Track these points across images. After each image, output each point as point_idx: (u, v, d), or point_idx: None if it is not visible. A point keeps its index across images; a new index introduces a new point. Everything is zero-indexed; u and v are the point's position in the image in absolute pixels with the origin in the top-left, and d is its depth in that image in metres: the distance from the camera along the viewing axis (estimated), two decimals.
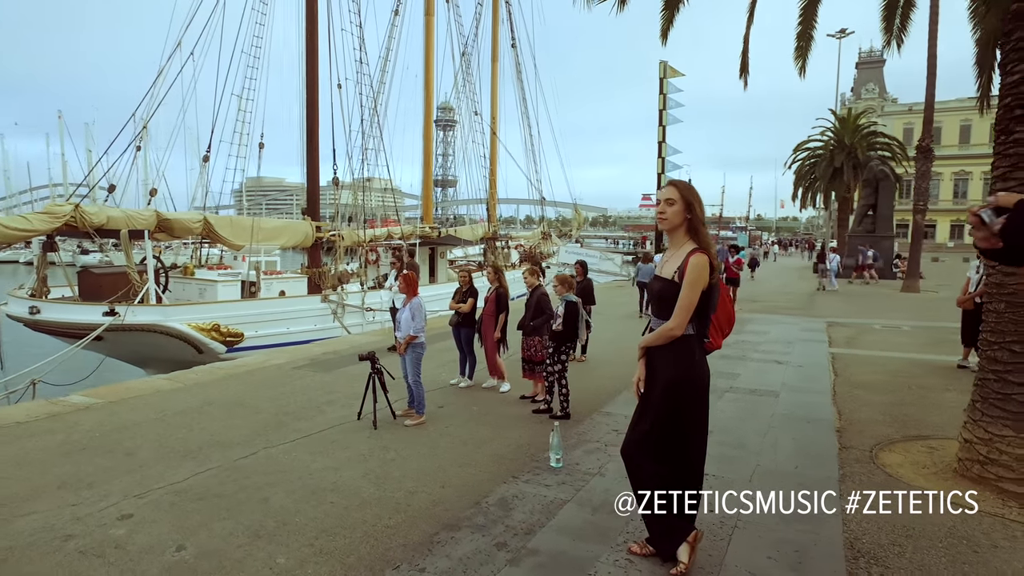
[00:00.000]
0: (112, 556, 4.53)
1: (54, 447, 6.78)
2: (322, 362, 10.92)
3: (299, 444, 6.80)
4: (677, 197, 3.53)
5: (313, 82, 18.41)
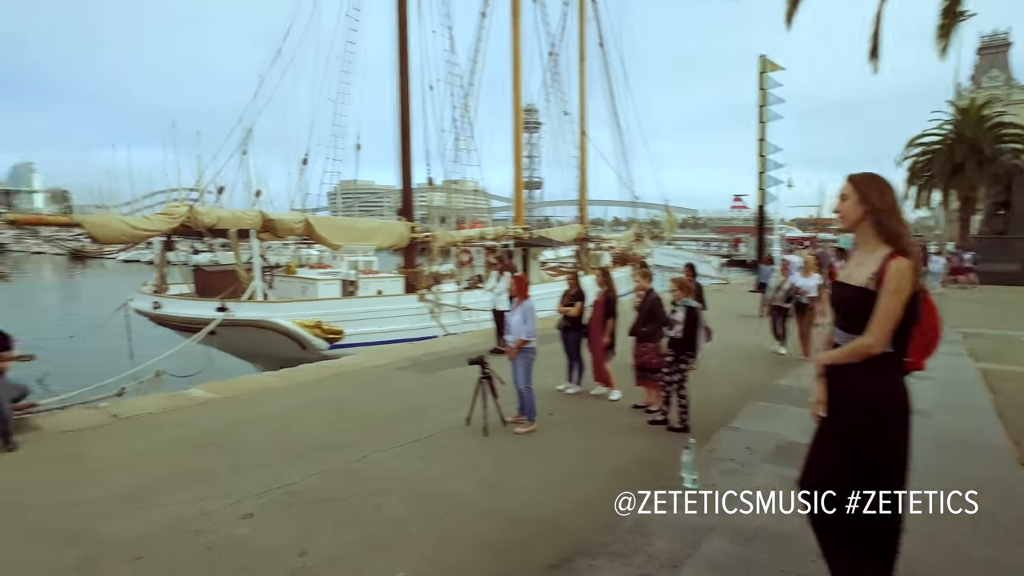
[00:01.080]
0: (238, 556, 4.52)
1: (179, 440, 6.98)
2: (423, 363, 10.90)
3: (408, 449, 6.69)
4: (850, 190, 3.08)
5: (405, 85, 18.60)
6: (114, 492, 5.60)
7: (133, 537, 4.78)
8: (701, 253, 44.28)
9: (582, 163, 28.48)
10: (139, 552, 4.57)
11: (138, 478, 5.92)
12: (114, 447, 6.78)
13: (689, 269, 10.26)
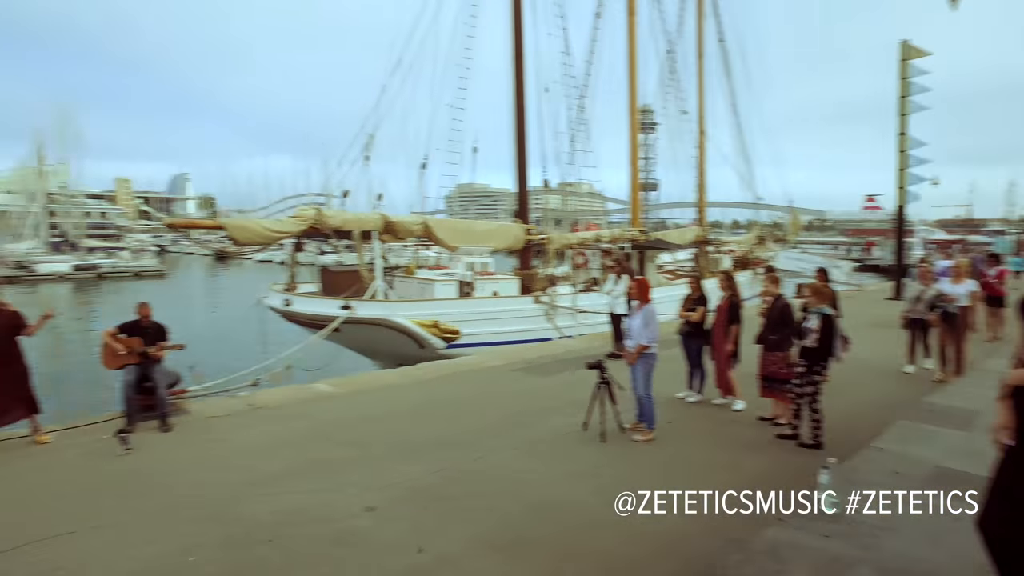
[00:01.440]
0: (361, 548, 4.64)
1: (307, 431, 7.34)
2: (539, 366, 10.87)
3: (525, 451, 6.65)
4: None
5: (521, 88, 18.70)
6: (251, 477, 5.95)
7: (267, 520, 5.04)
8: (830, 257, 41.54)
9: (700, 163, 27.51)
10: (272, 535, 4.81)
11: (272, 465, 6.26)
12: (251, 434, 7.23)
13: (822, 274, 9.54)
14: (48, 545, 4.70)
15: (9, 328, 6.77)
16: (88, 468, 6.21)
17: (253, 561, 4.44)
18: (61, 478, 5.99)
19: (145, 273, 53.82)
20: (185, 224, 14.40)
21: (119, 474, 6.04)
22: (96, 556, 4.53)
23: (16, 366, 6.83)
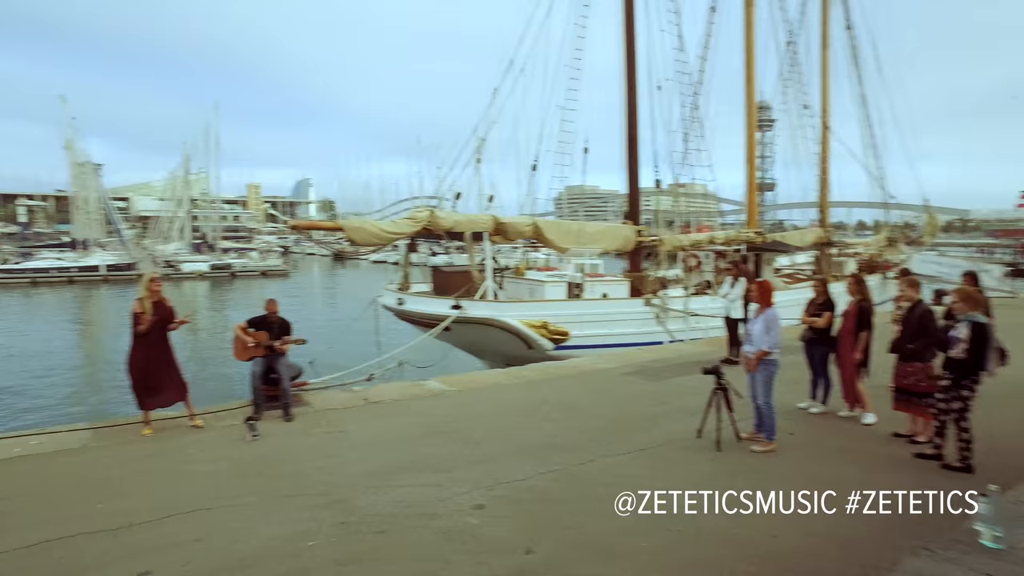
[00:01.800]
0: (470, 545, 4.65)
1: (418, 426, 7.50)
2: (651, 370, 10.58)
3: (636, 457, 6.46)
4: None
5: (632, 86, 18.34)
6: (367, 468, 6.15)
7: (380, 512, 5.18)
8: (975, 260, 37.88)
9: (823, 160, 25.91)
10: (384, 526, 4.92)
11: (385, 458, 6.44)
12: (366, 427, 7.49)
13: (970, 277, 8.65)
14: (190, 517, 5.07)
15: (166, 320, 7.39)
16: (223, 451, 6.65)
17: (366, 550, 4.56)
18: (200, 458, 6.44)
19: (271, 272, 57.69)
20: (307, 226, 15.25)
21: (249, 458, 6.43)
22: (229, 532, 4.83)
23: (170, 354, 7.47)
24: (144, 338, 7.23)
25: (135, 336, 7.25)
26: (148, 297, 7.27)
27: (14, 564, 4.42)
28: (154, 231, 73.90)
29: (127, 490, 5.63)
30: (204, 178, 67.96)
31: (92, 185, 62.46)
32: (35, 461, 6.36)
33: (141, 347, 7.26)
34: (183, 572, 4.27)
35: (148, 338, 7.24)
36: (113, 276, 50.30)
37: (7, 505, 5.35)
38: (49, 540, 4.73)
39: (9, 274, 48.47)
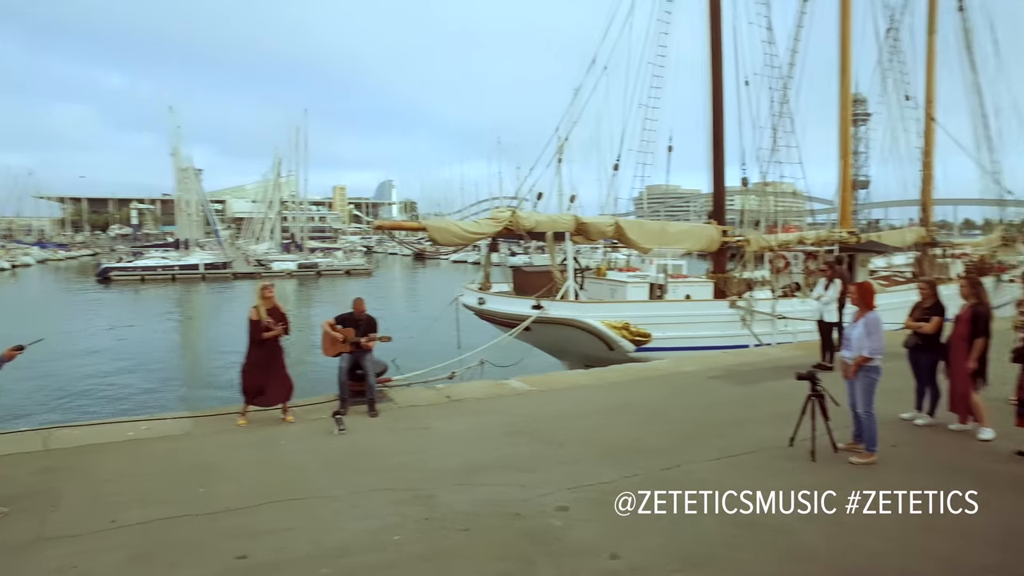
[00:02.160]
0: (553, 547, 4.60)
1: (500, 425, 7.52)
2: (737, 374, 10.22)
3: (723, 464, 6.23)
4: None
5: (718, 82, 17.75)
6: (450, 465, 6.20)
7: (464, 509, 5.20)
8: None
9: (927, 155, 24.28)
10: (468, 524, 4.94)
11: (468, 455, 6.48)
12: (449, 424, 7.57)
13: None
14: (281, 506, 5.26)
15: (278, 322, 7.70)
16: (311, 444, 6.88)
17: (449, 547, 4.59)
18: (290, 449, 6.68)
19: (355, 271, 59.57)
20: (392, 226, 15.64)
21: (336, 452, 6.62)
22: (319, 522, 4.97)
23: (281, 356, 7.82)
24: (258, 343, 7.60)
25: (252, 341, 7.62)
26: (263, 304, 7.63)
27: (136, 538, 4.71)
28: (247, 232, 77.90)
29: (224, 476, 5.90)
30: (293, 181, 70.95)
31: (193, 189, 66.40)
32: (145, 445, 6.77)
33: (255, 351, 7.64)
34: (276, 559, 4.42)
35: (261, 343, 7.59)
36: (210, 274, 53.33)
37: (127, 483, 5.72)
38: (161, 519, 5.02)
39: (123, 271, 52.23)
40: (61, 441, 6.84)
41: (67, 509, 5.21)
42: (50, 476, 5.90)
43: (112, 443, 6.80)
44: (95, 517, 5.05)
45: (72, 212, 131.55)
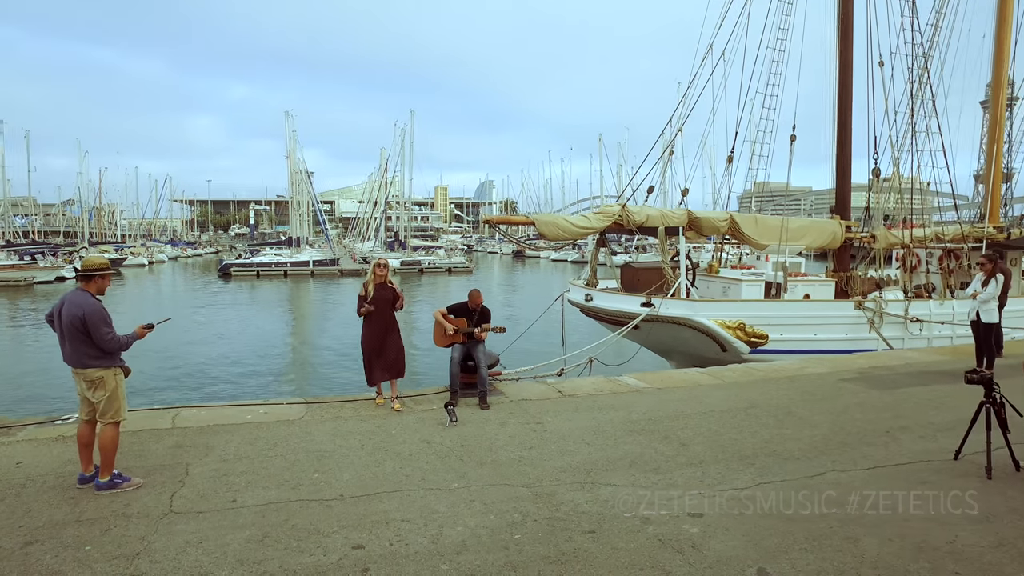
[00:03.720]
0: (690, 556, 4.15)
1: (618, 423, 7.09)
2: (874, 378, 9.26)
3: (875, 475, 5.53)
4: None
5: (846, 64, 16.41)
6: (570, 462, 5.85)
7: (587, 510, 4.83)
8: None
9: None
10: (593, 527, 4.56)
11: (587, 453, 6.10)
12: (564, 420, 7.21)
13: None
14: (396, 497, 5.08)
15: (392, 302, 7.73)
16: (423, 434, 6.71)
17: (575, 551, 4.23)
18: (403, 439, 6.54)
19: (456, 269, 60.53)
20: (499, 220, 15.48)
21: (449, 443, 6.41)
22: (435, 515, 4.74)
23: (395, 334, 7.80)
24: (370, 318, 7.66)
25: (363, 317, 7.70)
26: (372, 281, 7.66)
27: (255, 519, 4.66)
28: (353, 230, 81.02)
29: (338, 463, 5.82)
30: (398, 181, 73.07)
31: (305, 190, 69.73)
32: (263, 428, 6.84)
33: (368, 326, 7.73)
34: (393, 551, 4.22)
35: (373, 318, 7.65)
36: (319, 271, 55.81)
37: (246, 464, 5.75)
38: (278, 502, 4.97)
39: (241, 268, 55.65)
40: (187, 420, 7.04)
41: (192, 486, 5.26)
42: (179, 452, 6.04)
43: (233, 424, 6.92)
44: (218, 496, 5.07)
45: (199, 213, 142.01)
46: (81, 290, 5.22)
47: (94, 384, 5.17)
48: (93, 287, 5.25)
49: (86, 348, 5.10)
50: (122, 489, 5.15)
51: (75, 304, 5.07)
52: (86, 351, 5.11)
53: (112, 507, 4.88)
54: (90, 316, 5.02)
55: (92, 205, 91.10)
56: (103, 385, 5.18)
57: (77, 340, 5.07)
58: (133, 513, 4.77)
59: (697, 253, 37.83)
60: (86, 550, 4.21)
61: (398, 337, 7.83)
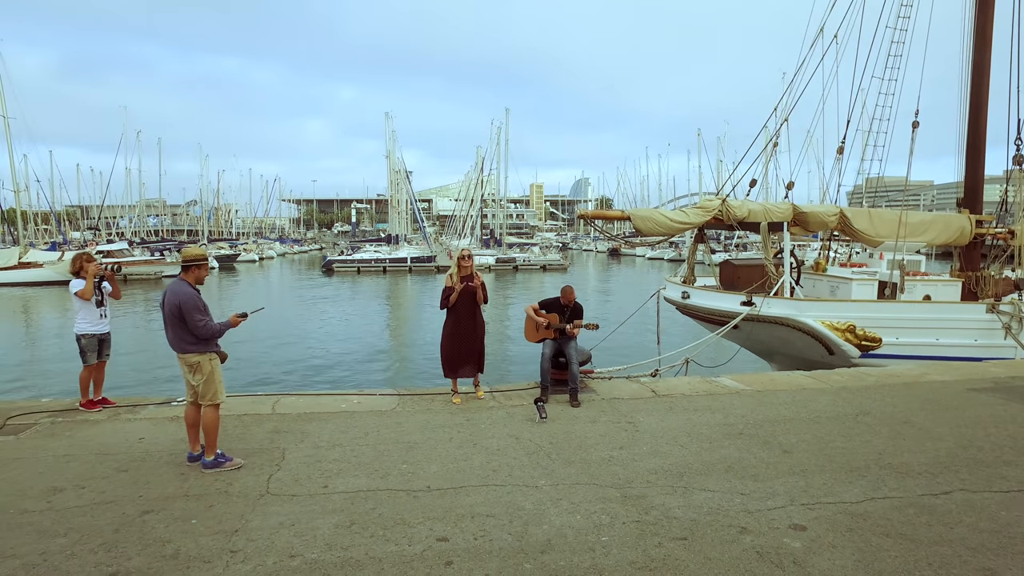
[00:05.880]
0: (791, 572, 3.84)
1: (715, 425, 6.74)
2: (1011, 388, 8.34)
3: (1016, 499, 4.93)
4: None
5: (984, 40, 14.91)
6: (662, 464, 5.60)
7: (679, 515, 4.59)
8: None
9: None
10: (685, 533, 4.32)
11: (681, 456, 5.83)
12: (658, 420, 6.93)
13: None
14: (481, 491, 5.03)
15: (474, 294, 7.68)
16: (512, 429, 6.64)
17: (664, 558, 4.01)
18: (491, 433, 6.50)
19: (550, 267, 60.45)
20: (595, 215, 15.28)
21: (538, 440, 6.31)
22: (521, 512, 4.65)
23: (480, 329, 7.79)
24: (454, 310, 7.63)
25: (447, 309, 7.67)
26: (458, 272, 7.63)
27: (345, 505, 4.76)
28: (450, 228, 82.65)
29: (426, 455, 5.84)
30: (493, 179, 73.87)
31: (404, 189, 71.78)
32: (356, 417, 7.00)
33: (451, 319, 7.70)
34: (476, 546, 4.16)
35: (457, 311, 7.62)
36: (416, 267, 57.28)
37: (339, 452, 5.90)
38: (367, 490, 5.04)
39: (343, 264, 58.08)
40: (286, 407, 7.31)
41: (288, 470, 5.43)
42: (277, 437, 6.27)
43: (328, 413, 7.13)
44: (311, 481, 5.20)
45: (305, 212, 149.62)
46: (180, 279, 5.50)
47: (192, 368, 5.45)
48: (191, 276, 5.52)
49: (183, 334, 5.39)
50: (224, 469, 5.40)
51: (174, 292, 5.36)
52: (184, 337, 5.39)
53: (216, 485, 5.13)
54: (185, 304, 5.28)
55: (211, 205, 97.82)
56: (200, 369, 5.44)
57: (176, 326, 5.36)
58: (234, 492, 4.98)
59: (802, 251, 36.01)
60: (192, 523, 4.45)
61: (482, 331, 7.77)
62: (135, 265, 46.48)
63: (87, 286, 7.06)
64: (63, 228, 65.28)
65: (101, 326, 7.28)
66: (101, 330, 7.29)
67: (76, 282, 7.11)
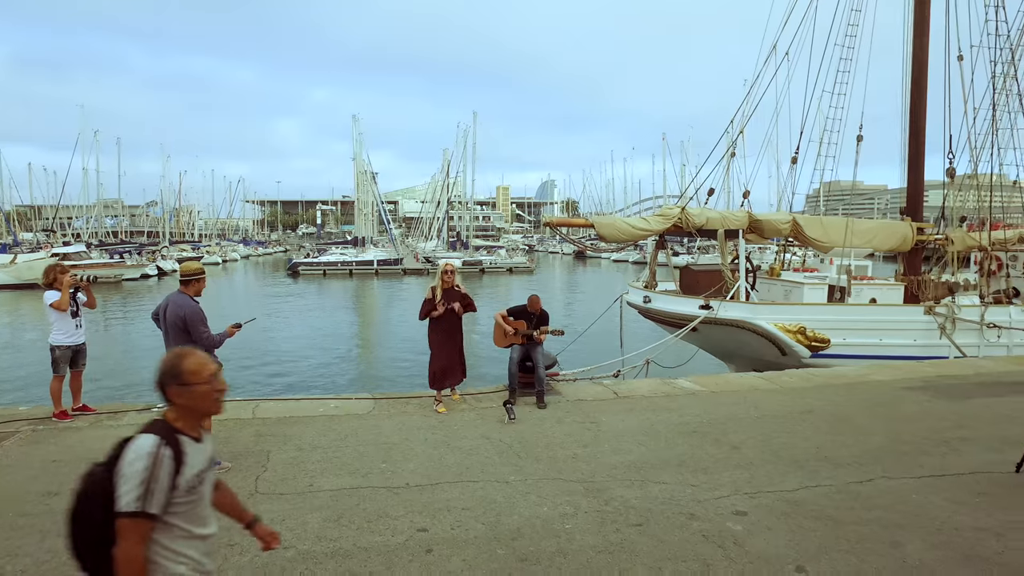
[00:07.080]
0: (732, 552, 4.37)
1: (671, 424, 7.30)
2: (940, 387, 9.10)
3: (930, 483, 5.57)
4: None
5: (921, 55, 15.88)
6: (621, 460, 6.12)
7: (636, 505, 5.10)
8: None
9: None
10: (641, 520, 4.83)
11: (639, 453, 6.36)
12: (619, 420, 7.46)
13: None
14: (457, 487, 5.48)
15: (457, 302, 7.98)
16: (483, 430, 7.10)
17: (622, 542, 4.51)
18: (464, 434, 6.95)
19: (516, 269, 61.03)
20: (559, 222, 15.76)
21: (508, 440, 6.77)
22: (493, 505, 5.11)
23: (460, 337, 8.12)
24: (439, 326, 7.90)
25: (429, 320, 7.92)
26: (440, 285, 7.87)
27: (330, 502, 5.15)
28: (416, 230, 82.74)
29: (403, 455, 6.25)
30: (460, 182, 74.26)
31: (370, 191, 71.67)
32: (335, 421, 7.37)
33: (437, 336, 7.95)
34: (454, 535, 4.60)
35: (442, 326, 7.90)
36: (383, 270, 57.30)
37: (321, 453, 6.27)
38: (350, 488, 5.44)
39: (308, 266, 57.74)
40: (266, 412, 7.64)
41: (274, 471, 5.80)
42: (261, 440, 6.61)
43: (308, 417, 7.48)
44: (297, 480, 5.58)
45: (269, 213, 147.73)
46: (181, 292, 5.84)
47: None
48: (191, 290, 5.86)
49: (186, 344, 5.71)
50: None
51: (177, 305, 5.70)
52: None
53: None
54: (190, 316, 5.63)
55: (173, 206, 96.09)
56: None
57: (180, 337, 5.69)
58: None
59: (761, 255, 37.14)
60: None
61: (462, 342, 8.12)
62: (93, 268, 45.59)
63: (62, 297, 7.13)
64: (13, 229, 63.27)
65: (76, 337, 7.35)
66: (76, 341, 7.35)
67: (50, 293, 7.16)
